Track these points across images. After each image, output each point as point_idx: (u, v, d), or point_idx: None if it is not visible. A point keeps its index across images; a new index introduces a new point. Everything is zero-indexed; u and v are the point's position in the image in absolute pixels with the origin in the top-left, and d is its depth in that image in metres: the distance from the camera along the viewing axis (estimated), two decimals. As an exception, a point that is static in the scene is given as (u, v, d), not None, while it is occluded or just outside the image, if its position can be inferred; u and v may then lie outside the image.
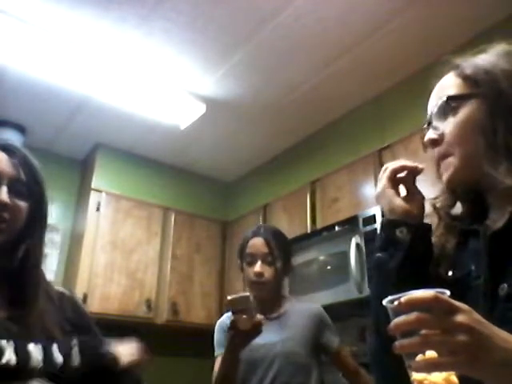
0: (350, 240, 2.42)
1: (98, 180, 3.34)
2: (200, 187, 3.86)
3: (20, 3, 2.24)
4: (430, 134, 0.80)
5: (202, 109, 2.94)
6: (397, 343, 0.53)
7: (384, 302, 0.57)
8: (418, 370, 0.53)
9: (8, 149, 0.99)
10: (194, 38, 2.45)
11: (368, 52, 2.50)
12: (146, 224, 3.41)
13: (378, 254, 0.79)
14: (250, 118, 3.13)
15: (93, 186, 3.29)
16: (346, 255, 2.43)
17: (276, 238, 1.73)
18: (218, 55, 2.57)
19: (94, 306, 2.99)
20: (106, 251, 3.17)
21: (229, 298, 1.45)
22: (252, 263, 1.70)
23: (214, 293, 3.54)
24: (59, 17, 2.32)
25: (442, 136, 0.79)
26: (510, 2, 2.13)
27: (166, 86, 2.80)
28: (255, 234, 1.74)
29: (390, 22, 2.31)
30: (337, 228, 2.61)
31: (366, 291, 2.29)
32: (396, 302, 0.53)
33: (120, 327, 3.26)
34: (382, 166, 2.94)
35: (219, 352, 1.64)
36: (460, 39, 2.31)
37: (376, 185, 0.86)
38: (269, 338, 1.62)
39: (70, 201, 3.47)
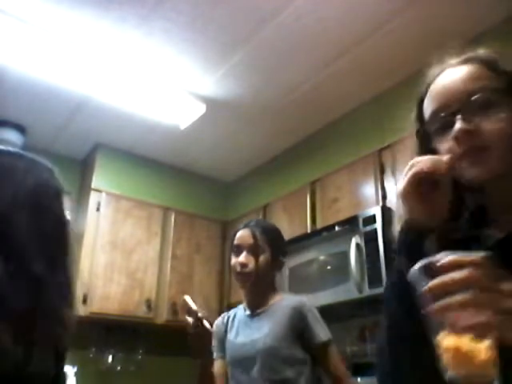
0: (350, 240, 2.42)
1: (98, 180, 3.34)
2: (200, 187, 3.86)
3: (20, 3, 2.24)
4: (465, 125, 0.74)
5: (202, 109, 2.94)
6: (435, 305, 0.51)
7: (415, 269, 0.55)
8: (463, 331, 0.51)
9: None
10: (194, 38, 2.45)
11: (368, 52, 2.50)
12: (146, 224, 3.41)
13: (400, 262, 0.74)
14: (249, 118, 3.13)
15: (93, 186, 3.29)
16: (346, 255, 2.43)
17: (264, 231, 1.73)
18: (218, 55, 2.57)
19: (94, 306, 2.99)
20: (106, 251, 3.17)
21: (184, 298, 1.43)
22: (238, 254, 1.70)
23: (214, 293, 3.54)
24: (59, 17, 2.31)
25: (477, 128, 0.73)
26: (509, 2, 2.13)
27: (166, 85, 2.80)
28: (244, 226, 1.76)
29: (389, 22, 2.31)
30: (337, 228, 2.61)
31: (366, 291, 2.30)
32: (439, 263, 0.52)
33: (120, 327, 3.29)
34: (382, 166, 2.93)
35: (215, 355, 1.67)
36: (460, 39, 2.31)
37: (376, 185, 0.84)
38: (252, 335, 1.63)
39: (69, 201, 3.47)
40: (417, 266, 0.55)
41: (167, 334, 3.40)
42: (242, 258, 1.67)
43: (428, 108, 0.82)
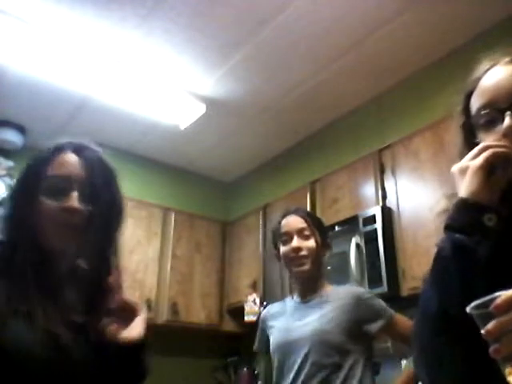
0: (350, 240, 2.42)
1: (98, 180, 3.33)
2: (200, 187, 3.86)
3: (20, 3, 2.24)
4: None
5: (202, 109, 2.94)
6: (496, 347, 0.51)
7: (469, 310, 0.54)
8: None
9: (80, 150, 0.94)
10: (194, 38, 2.45)
11: (368, 52, 2.50)
12: (146, 224, 3.41)
13: (460, 237, 0.71)
14: (250, 118, 3.13)
15: (93, 186, 3.29)
16: (346, 255, 2.43)
17: (310, 215, 1.71)
18: (218, 55, 2.57)
19: (94, 306, 2.99)
20: (106, 251, 3.16)
21: None
22: (287, 241, 1.61)
23: (214, 293, 3.54)
24: (59, 17, 2.31)
25: None
26: (509, 2, 2.14)
27: (166, 85, 2.80)
28: (287, 213, 1.67)
29: (390, 22, 2.31)
30: (337, 228, 2.61)
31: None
32: (492, 306, 0.51)
33: (120, 327, 3.29)
34: (382, 166, 2.92)
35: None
36: (460, 39, 2.31)
37: (376, 185, 0.83)
38: (305, 319, 1.58)
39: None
40: (469, 308, 0.54)
41: (167, 333, 3.40)
42: (295, 242, 1.59)
43: (476, 102, 0.82)
